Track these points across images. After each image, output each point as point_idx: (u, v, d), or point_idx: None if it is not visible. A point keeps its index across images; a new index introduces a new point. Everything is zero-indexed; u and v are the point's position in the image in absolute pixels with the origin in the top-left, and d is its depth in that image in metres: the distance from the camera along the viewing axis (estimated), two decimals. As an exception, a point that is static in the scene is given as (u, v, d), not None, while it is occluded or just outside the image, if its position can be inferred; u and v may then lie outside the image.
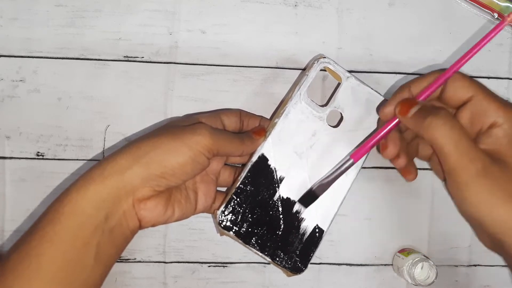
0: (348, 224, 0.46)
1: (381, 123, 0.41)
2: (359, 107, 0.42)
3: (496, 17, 0.46)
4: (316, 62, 0.41)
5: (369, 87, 0.42)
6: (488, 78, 0.47)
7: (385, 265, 0.47)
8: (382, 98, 0.42)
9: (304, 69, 0.45)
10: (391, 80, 0.46)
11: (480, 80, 0.46)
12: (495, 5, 0.46)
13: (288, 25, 0.45)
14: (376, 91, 0.42)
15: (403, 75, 0.46)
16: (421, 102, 0.36)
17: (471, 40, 0.46)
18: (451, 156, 0.32)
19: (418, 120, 0.34)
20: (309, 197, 0.41)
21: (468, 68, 0.46)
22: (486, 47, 0.47)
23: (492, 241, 0.35)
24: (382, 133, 0.38)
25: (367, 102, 0.42)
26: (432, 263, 0.43)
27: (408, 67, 0.46)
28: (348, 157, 0.40)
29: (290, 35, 0.45)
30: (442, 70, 0.36)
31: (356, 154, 0.39)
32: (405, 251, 0.45)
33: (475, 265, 0.47)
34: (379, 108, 0.41)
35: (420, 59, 0.46)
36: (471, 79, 0.36)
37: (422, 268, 0.43)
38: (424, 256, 0.44)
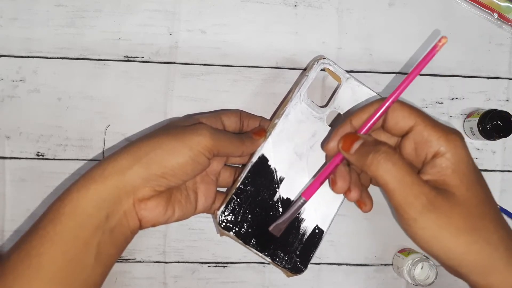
0: (348, 224, 0.46)
1: (327, 158, 0.40)
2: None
3: (496, 17, 0.46)
4: (316, 63, 0.41)
5: (369, 88, 0.42)
6: (488, 78, 0.47)
7: (385, 265, 0.47)
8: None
9: (304, 69, 0.45)
10: (391, 80, 0.46)
11: (480, 80, 0.47)
12: (495, 5, 0.46)
13: (288, 25, 0.45)
14: (376, 93, 0.42)
15: (403, 75, 0.46)
16: (363, 137, 0.35)
17: (471, 40, 0.47)
18: (396, 193, 0.32)
19: (361, 157, 0.34)
20: (267, 238, 0.40)
21: (468, 69, 0.46)
22: (486, 47, 0.47)
23: (452, 269, 0.35)
24: (330, 169, 0.37)
25: (366, 103, 0.42)
26: (432, 263, 0.43)
27: (408, 67, 0.46)
28: (299, 196, 0.39)
29: (290, 35, 0.45)
30: (383, 100, 0.36)
31: (307, 192, 0.38)
32: (405, 251, 0.45)
33: (475, 265, 0.47)
34: (323, 143, 0.41)
35: (420, 59, 0.46)
36: (411, 107, 0.35)
37: (422, 268, 0.43)
38: (424, 256, 0.44)
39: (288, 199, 0.41)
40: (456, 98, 0.47)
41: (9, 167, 0.43)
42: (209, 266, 0.45)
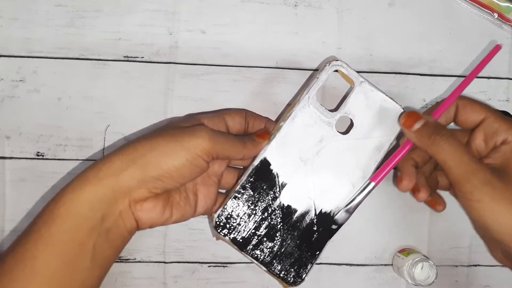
0: (348, 224, 0.46)
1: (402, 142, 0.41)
2: (371, 114, 0.40)
3: (496, 17, 0.46)
4: (327, 64, 0.40)
5: (384, 93, 0.40)
6: (488, 78, 0.47)
7: (385, 265, 0.47)
8: (397, 106, 0.41)
9: (315, 70, 0.45)
10: (391, 80, 0.46)
11: (480, 80, 0.47)
12: (495, 5, 0.46)
13: (288, 25, 0.45)
14: (391, 98, 0.40)
15: (403, 75, 0.46)
16: (426, 117, 0.38)
17: (471, 40, 0.46)
18: (454, 169, 0.35)
19: (423, 138, 0.37)
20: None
21: (468, 69, 0.46)
22: (486, 47, 0.47)
23: (503, 253, 0.37)
24: (400, 154, 0.39)
25: (380, 109, 0.40)
26: (432, 263, 0.43)
27: (408, 67, 0.46)
28: (368, 180, 0.40)
29: (290, 35, 0.45)
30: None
31: (376, 176, 0.40)
32: (405, 251, 0.45)
33: (475, 265, 0.47)
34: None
35: (420, 59, 0.46)
36: (481, 103, 0.39)
37: (422, 268, 0.43)
38: (424, 256, 0.44)
39: (289, 206, 0.40)
40: (456, 98, 0.47)
41: (9, 167, 0.43)
42: (209, 266, 0.45)
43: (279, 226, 0.40)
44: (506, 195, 0.34)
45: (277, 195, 0.40)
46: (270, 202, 0.39)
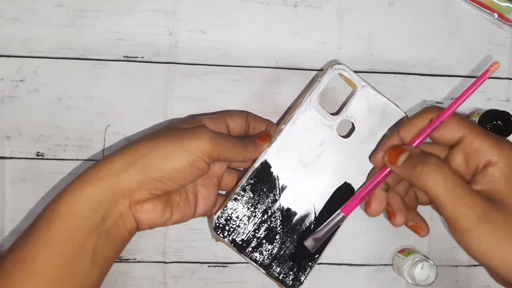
0: (348, 224, 0.46)
1: (373, 172, 0.39)
2: (373, 119, 0.40)
3: (496, 17, 0.46)
4: (330, 68, 0.40)
5: (386, 97, 0.40)
6: (488, 78, 0.47)
7: (385, 265, 0.47)
8: (399, 110, 0.40)
9: (316, 70, 0.45)
10: (391, 80, 0.46)
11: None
12: (495, 5, 0.46)
13: (288, 25, 0.45)
14: (394, 103, 0.40)
15: (403, 75, 0.46)
16: (410, 149, 0.35)
17: (471, 40, 0.46)
18: (448, 205, 0.31)
19: (409, 169, 0.33)
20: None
21: (468, 69, 0.46)
22: (486, 47, 0.47)
23: (506, 281, 0.34)
24: (373, 184, 0.36)
25: (382, 113, 0.40)
26: (432, 263, 0.43)
27: (408, 67, 0.46)
28: (339, 211, 0.38)
29: (290, 35, 0.45)
30: (431, 109, 0.35)
31: (346, 207, 0.38)
32: (405, 251, 0.45)
33: (475, 265, 0.47)
34: (371, 155, 0.39)
35: (420, 59, 0.46)
36: (461, 118, 0.34)
37: (422, 268, 0.43)
38: (424, 256, 0.44)
39: (288, 209, 0.40)
40: (456, 98, 0.47)
41: (9, 167, 0.43)
42: (209, 266, 0.45)
43: (278, 229, 0.40)
44: (509, 230, 0.31)
45: (277, 197, 0.39)
46: (270, 205, 0.39)
